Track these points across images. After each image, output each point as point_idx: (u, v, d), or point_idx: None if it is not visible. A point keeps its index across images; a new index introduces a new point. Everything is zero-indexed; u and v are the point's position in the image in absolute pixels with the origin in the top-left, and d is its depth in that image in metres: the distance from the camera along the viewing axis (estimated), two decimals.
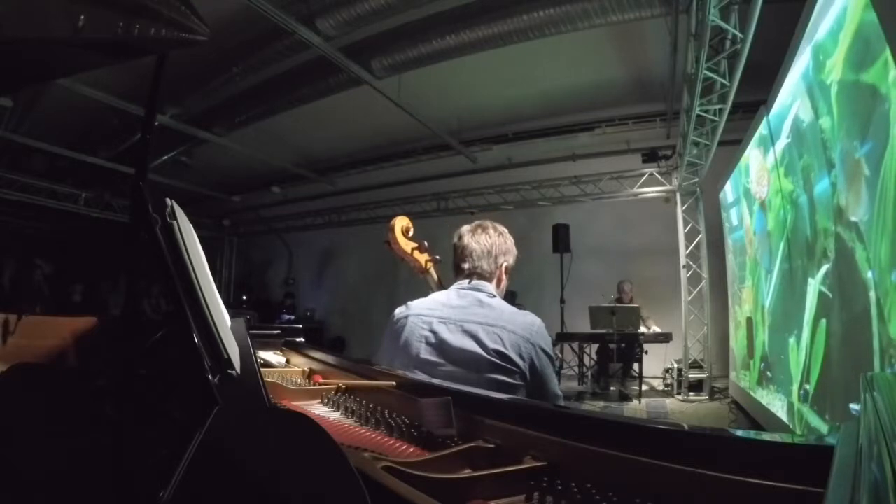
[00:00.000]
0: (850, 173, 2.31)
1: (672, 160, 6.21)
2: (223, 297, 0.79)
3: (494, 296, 1.34)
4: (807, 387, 3.02)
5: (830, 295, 2.66)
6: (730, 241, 5.69)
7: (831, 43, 2.47)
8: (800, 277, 3.18)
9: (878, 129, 2.00)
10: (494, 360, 1.19)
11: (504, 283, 1.42)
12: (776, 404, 3.75)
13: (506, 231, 1.44)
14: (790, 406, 3.39)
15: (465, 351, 1.21)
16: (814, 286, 2.90)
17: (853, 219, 2.28)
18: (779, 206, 3.61)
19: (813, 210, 2.90)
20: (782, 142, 3.42)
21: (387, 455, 0.62)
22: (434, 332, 1.25)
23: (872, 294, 2.10)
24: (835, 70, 2.45)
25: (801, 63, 2.96)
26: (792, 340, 3.36)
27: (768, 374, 3.97)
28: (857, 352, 2.35)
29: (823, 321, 2.76)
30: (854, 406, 2.21)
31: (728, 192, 5.57)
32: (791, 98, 3.20)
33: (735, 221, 5.37)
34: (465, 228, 1.42)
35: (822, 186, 2.72)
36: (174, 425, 0.56)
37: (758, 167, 4.12)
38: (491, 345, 1.20)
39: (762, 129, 3.83)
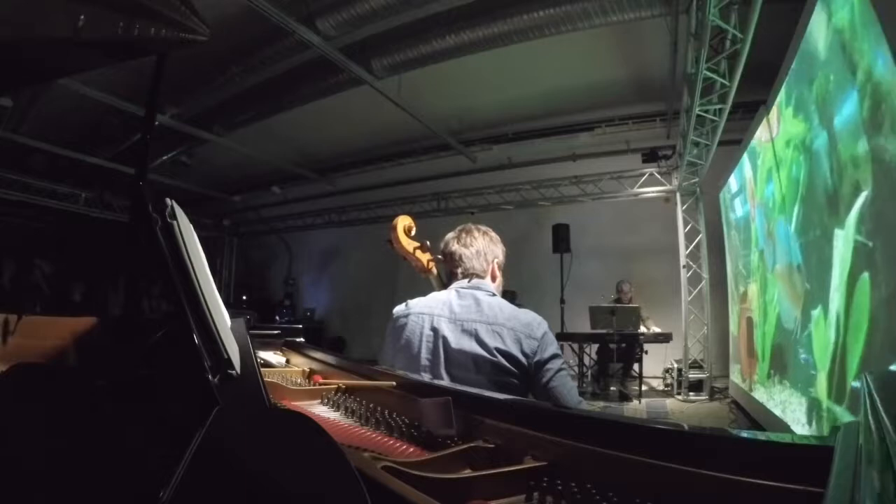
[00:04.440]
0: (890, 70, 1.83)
1: (672, 160, 6.21)
2: (223, 297, 0.79)
3: (494, 294, 1.34)
4: (838, 374, 2.38)
5: (870, 243, 2.10)
6: (734, 234, 5.41)
7: None
8: (820, 242, 2.68)
9: None
10: (496, 358, 1.19)
11: (499, 280, 1.43)
12: (793, 403, 3.13)
13: (490, 230, 1.46)
14: (813, 405, 2.77)
15: (465, 350, 1.21)
16: (844, 238, 2.34)
17: None
18: (791, 159, 3.20)
19: (834, 144, 2.44)
20: (788, 76, 3.10)
21: (387, 455, 0.62)
22: (435, 331, 1.26)
23: None
24: None
25: None
26: (816, 313, 2.69)
27: (783, 365, 3.39)
28: None
29: (865, 275, 2.14)
30: None
31: (732, 184, 5.37)
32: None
33: (740, 211, 5.08)
34: (450, 236, 1.44)
35: (846, 105, 2.28)
36: (174, 425, 0.56)
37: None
38: (492, 343, 1.20)
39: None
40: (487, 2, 4.42)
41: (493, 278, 1.41)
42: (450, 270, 1.42)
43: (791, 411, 3.20)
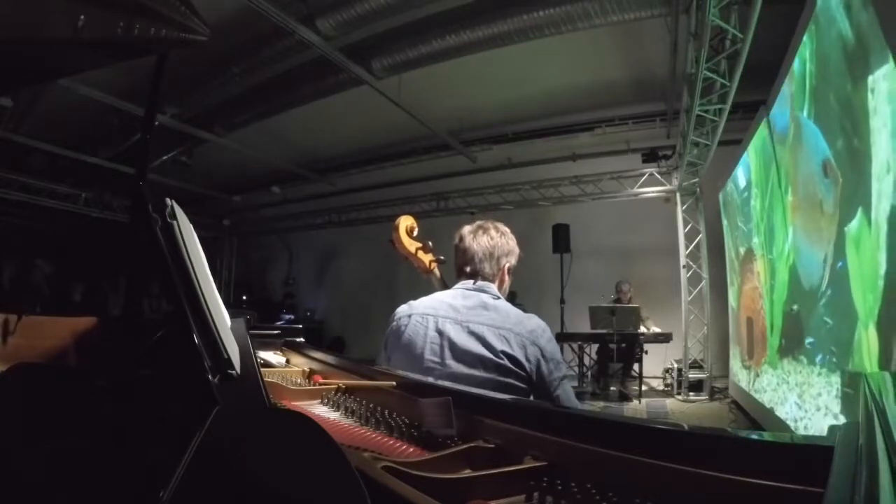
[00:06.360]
0: None
1: (672, 160, 6.21)
2: (223, 297, 0.79)
3: (499, 297, 1.33)
4: None
5: None
6: (736, 197, 5.12)
7: None
8: (849, 133, 1.99)
9: None
10: (502, 361, 1.18)
11: (506, 283, 1.41)
12: (815, 385, 2.30)
13: (507, 231, 1.42)
14: (853, 383, 1.90)
15: (471, 352, 1.20)
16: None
17: None
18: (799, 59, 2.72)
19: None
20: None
21: (387, 455, 0.62)
22: (440, 332, 1.25)
23: None
24: None
25: None
26: (854, 226, 1.89)
27: (800, 333, 2.54)
28: None
29: None
30: None
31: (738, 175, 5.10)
32: None
33: (743, 182, 4.78)
34: (466, 230, 1.41)
35: None
36: (174, 425, 0.56)
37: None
38: (499, 346, 1.20)
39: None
40: (487, 2, 4.41)
41: (501, 283, 1.39)
42: (458, 266, 1.40)
43: (812, 396, 2.29)
